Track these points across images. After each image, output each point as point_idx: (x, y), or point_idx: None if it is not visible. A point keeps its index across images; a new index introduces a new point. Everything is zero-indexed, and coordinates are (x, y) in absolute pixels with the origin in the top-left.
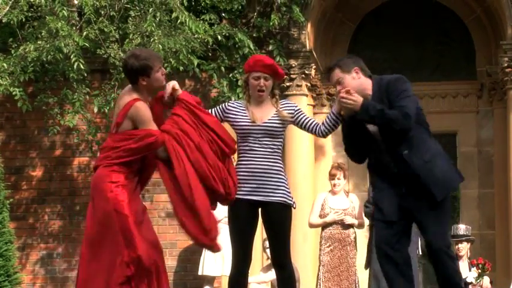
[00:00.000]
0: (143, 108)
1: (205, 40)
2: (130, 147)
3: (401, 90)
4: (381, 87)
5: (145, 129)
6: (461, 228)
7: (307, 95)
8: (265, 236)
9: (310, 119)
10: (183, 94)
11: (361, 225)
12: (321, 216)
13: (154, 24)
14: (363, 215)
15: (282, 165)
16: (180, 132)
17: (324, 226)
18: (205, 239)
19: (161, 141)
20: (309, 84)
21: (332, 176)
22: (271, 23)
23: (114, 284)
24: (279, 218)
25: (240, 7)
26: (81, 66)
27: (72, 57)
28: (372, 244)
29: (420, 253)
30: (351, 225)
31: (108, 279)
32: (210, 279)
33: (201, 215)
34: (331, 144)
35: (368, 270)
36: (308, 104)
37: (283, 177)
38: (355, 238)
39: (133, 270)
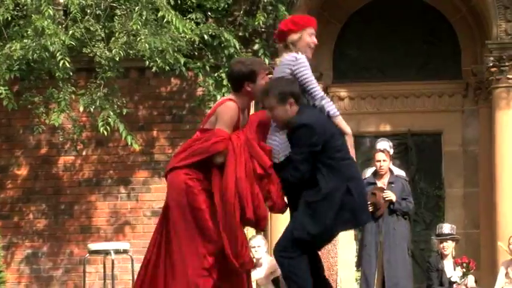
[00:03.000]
0: (230, 110)
1: (192, 39)
2: (199, 146)
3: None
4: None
5: (217, 128)
6: (446, 227)
7: None
8: (251, 235)
9: None
10: (250, 118)
11: None
12: None
13: (140, 23)
14: None
15: None
16: (238, 145)
17: None
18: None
19: (225, 145)
20: None
21: None
22: (256, 22)
23: (196, 276)
24: None
25: (226, 6)
26: (67, 65)
27: (58, 55)
28: (363, 244)
29: None
30: None
31: (186, 271)
32: None
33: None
34: None
35: (359, 269)
36: None
37: None
38: (337, 238)
39: (211, 262)
